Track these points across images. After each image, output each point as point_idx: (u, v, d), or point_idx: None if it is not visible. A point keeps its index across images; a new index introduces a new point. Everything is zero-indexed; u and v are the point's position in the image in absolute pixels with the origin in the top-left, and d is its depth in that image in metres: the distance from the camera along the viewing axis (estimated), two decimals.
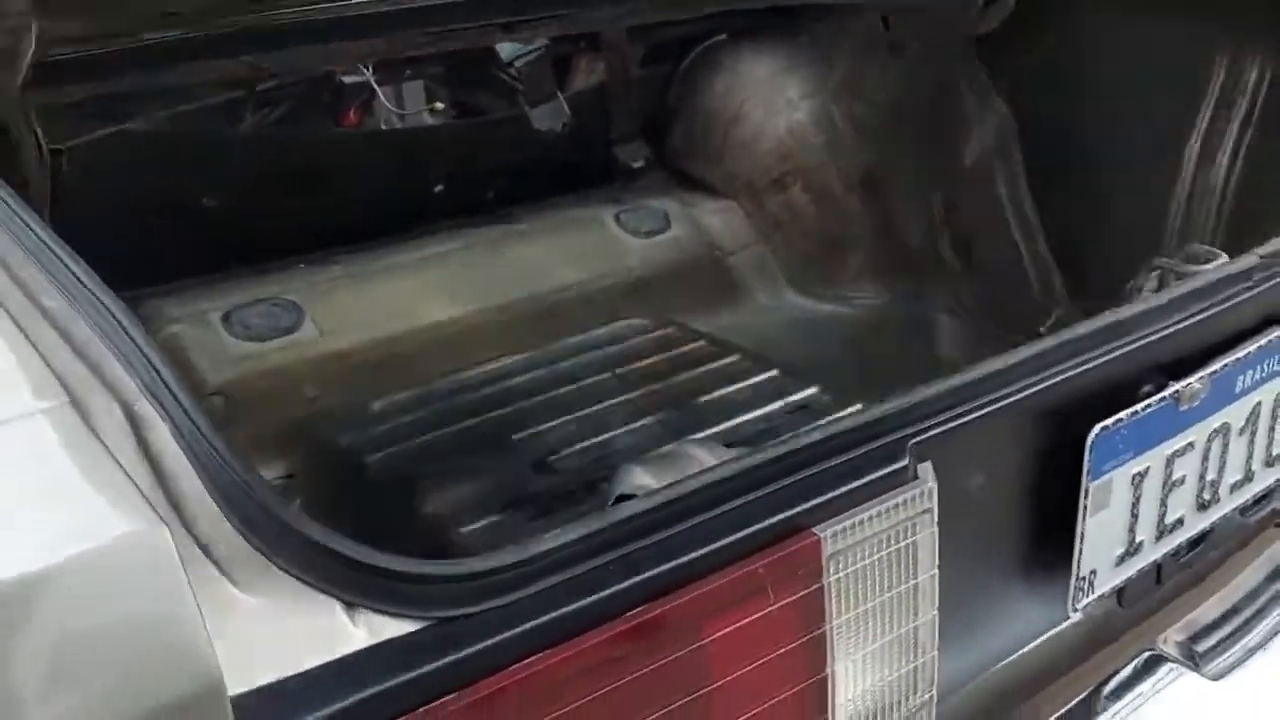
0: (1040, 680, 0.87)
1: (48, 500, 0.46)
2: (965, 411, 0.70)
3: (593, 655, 0.57)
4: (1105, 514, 0.81)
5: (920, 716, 0.73)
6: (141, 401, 0.52)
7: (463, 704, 0.52)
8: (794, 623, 0.64)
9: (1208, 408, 0.85)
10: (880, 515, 0.66)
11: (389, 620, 0.51)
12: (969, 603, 0.78)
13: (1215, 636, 0.94)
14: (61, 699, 0.42)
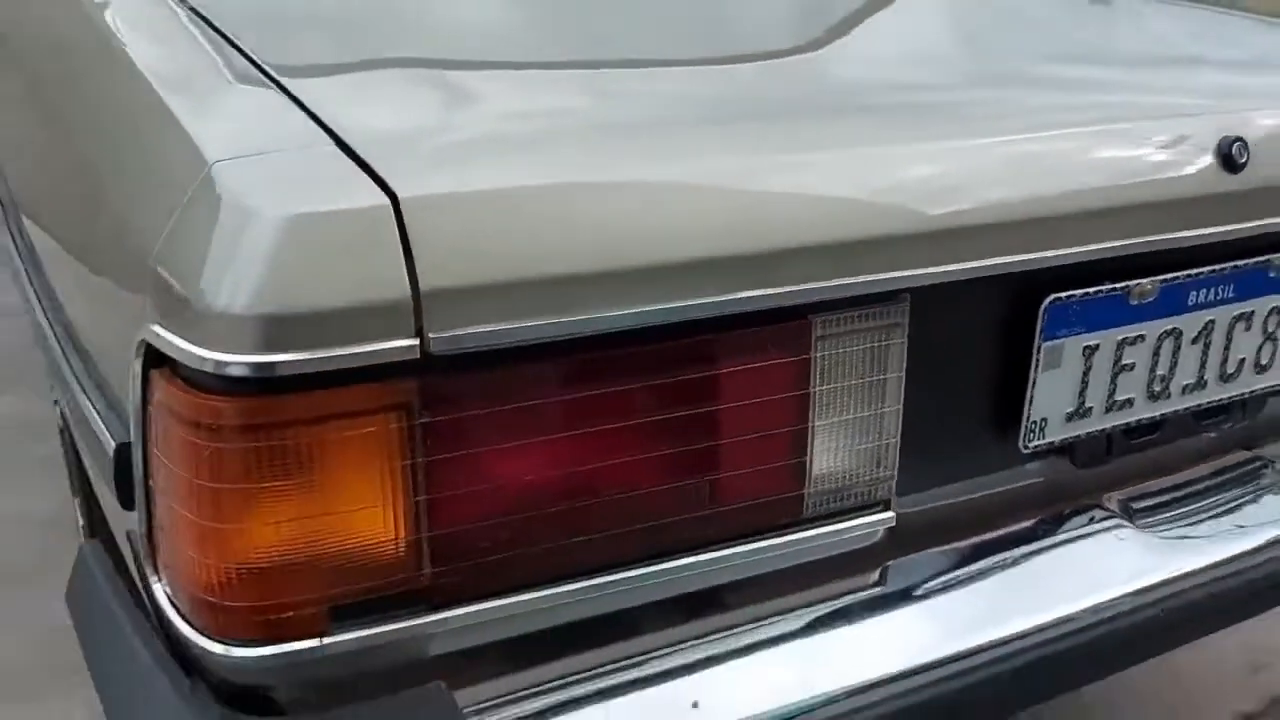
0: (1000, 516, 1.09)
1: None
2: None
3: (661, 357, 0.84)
4: (1056, 373, 1.04)
5: (881, 488, 0.98)
6: None
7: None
8: (785, 380, 0.90)
9: (1159, 309, 1.07)
10: (859, 318, 0.91)
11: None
12: (935, 423, 1.01)
13: (1154, 500, 1.15)
14: None
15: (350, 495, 0.76)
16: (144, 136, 0.90)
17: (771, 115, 1.00)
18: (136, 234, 0.83)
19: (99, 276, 0.95)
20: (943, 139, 0.96)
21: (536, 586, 0.84)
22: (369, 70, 1.06)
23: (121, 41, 1.08)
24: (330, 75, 1.01)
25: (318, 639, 0.77)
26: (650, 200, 0.81)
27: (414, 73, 1.04)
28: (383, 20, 1.22)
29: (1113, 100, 1.14)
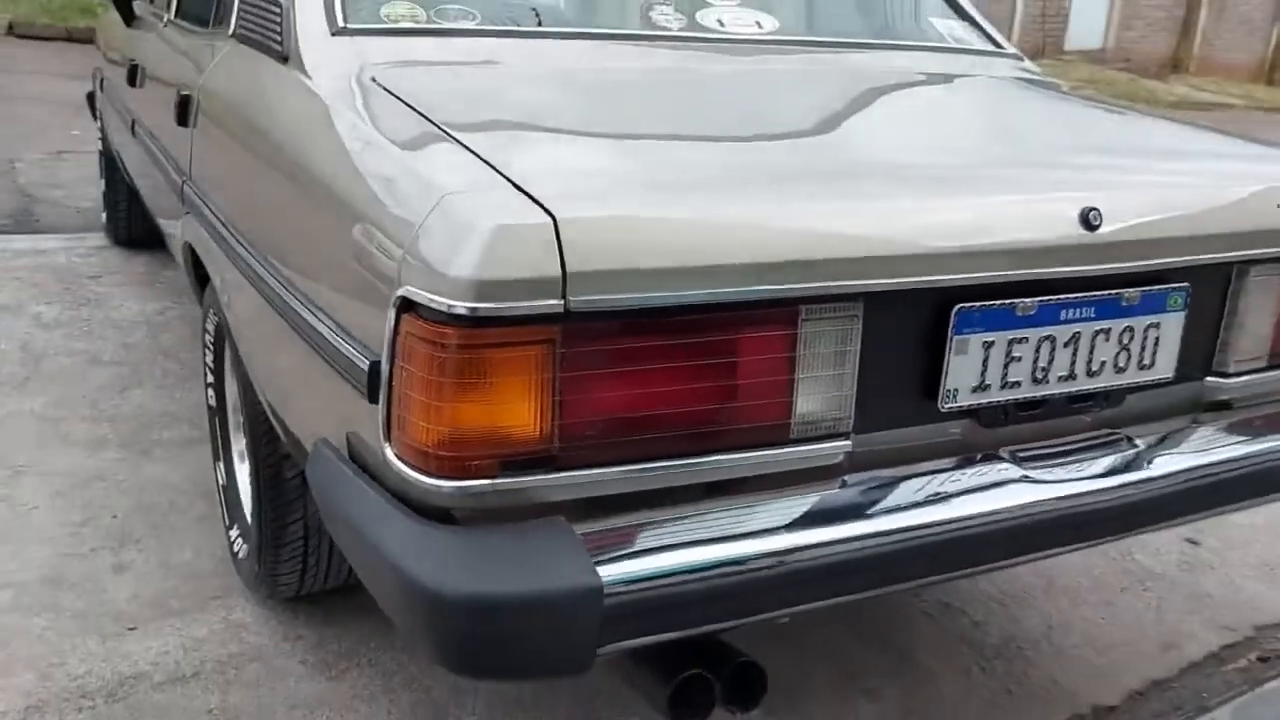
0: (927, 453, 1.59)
1: None
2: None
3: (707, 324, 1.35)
4: (964, 358, 1.54)
5: (842, 424, 1.48)
6: None
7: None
8: (782, 345, 1.41)
9: (1038, 320, 1.58)
10: (829, 310, 1.43)
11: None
12: (880, 385, 1.52)
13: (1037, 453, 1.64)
14: None
15: (516, 393, 1.28)
16: (387, 180, 1.43)
17: (786, 179, 1.53)
18: (384, 238, 1.36)
19: (347, 264, 1.48)
20: (889, 199, 1.49)
21: (626, 464, 1.35)
22: (527, 137, 1.60)
23: (353, 121, 1.63)
24: (504, 142, 1.55)
25: (491, 479, 1.29)
26: (706, 228, 1.34)
27: (557, 136, 1.59)
28: (531, 100, 1.76)
29: (1011, 176, 1.66)
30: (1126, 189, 1.67)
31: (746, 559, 1.33)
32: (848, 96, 2.09)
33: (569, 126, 1.70)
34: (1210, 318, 1.76)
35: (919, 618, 2.57)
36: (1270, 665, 2.49)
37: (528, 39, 2.08)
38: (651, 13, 2.25)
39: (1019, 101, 2.29)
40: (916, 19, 2.64)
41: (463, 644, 1.24)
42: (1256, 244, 1.73)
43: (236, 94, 2.13)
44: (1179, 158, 2.02)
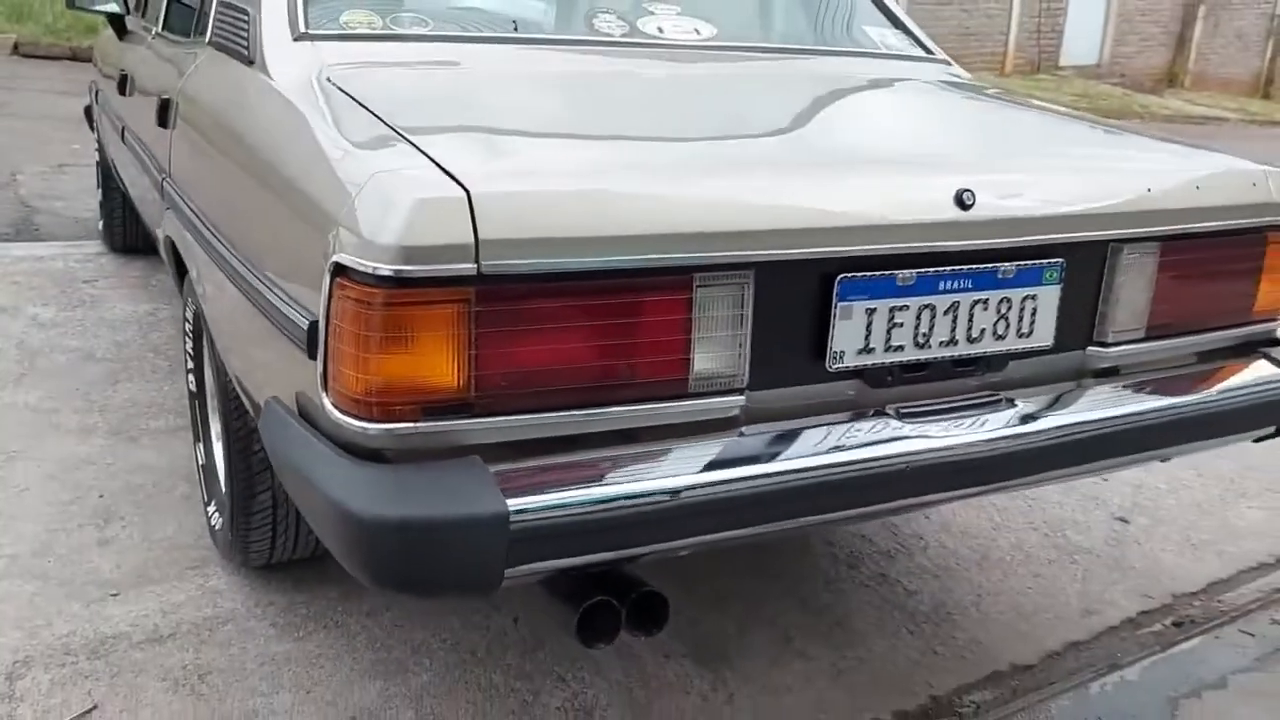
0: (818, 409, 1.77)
1: None
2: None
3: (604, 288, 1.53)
4: (848, 323, 1.72)
5: (737, 381, 1.66)
6: None
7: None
8: (678, 308, 1.59)
9: (918, 290, 1.76)
10: (721, 278, 1.60)
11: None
12: (774, 346, 1.69)
13: (920, 409, 1.81)
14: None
15: (435, 347, 1.45)
16: (328, 162, 1.62)
17: (685, 162, 1.71)
18: (324, 213, 1.54)
19: (294, 239, 1.66)
20: (778, 180, 1.67)
21: (536, 412, 1.53)
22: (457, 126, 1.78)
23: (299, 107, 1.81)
24: (435, 130, 1.73)
25: (414, 423, 1.46)
26: (606, 203, 1.52)
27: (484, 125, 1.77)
28: (466, 96, 1.95)
29: (897, 161, 1.84)
30: (1003, 173, 1.84)
31: (640, 495, 1.50)
32: (762, 95, 2.28)
33: (496, 117, 1.88)
34: (1088, 291, 1.94)
35: (858, 589, 2.73)
36: (1184, 629, 2.65)
37: (476, 44, 2.27)
38: (595, 20, 2.43)
39: (927, 99, 2.47)
40: (850, 28, 2.83)
41: (385, 561, 1.41)
42: (1128, 224, 1.90)
43: (209, 95, 2.32)
44: (1065, 147, 2.20)
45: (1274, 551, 3.01)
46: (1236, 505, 3.28)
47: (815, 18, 2.89)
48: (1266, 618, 2.70)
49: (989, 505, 3.16)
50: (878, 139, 2.05)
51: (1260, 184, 2.08)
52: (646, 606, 1.62)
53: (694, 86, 2.26)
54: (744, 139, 1.94)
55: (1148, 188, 1.93)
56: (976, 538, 3.01)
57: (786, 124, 2.08)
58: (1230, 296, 2.09)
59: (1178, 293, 2.01)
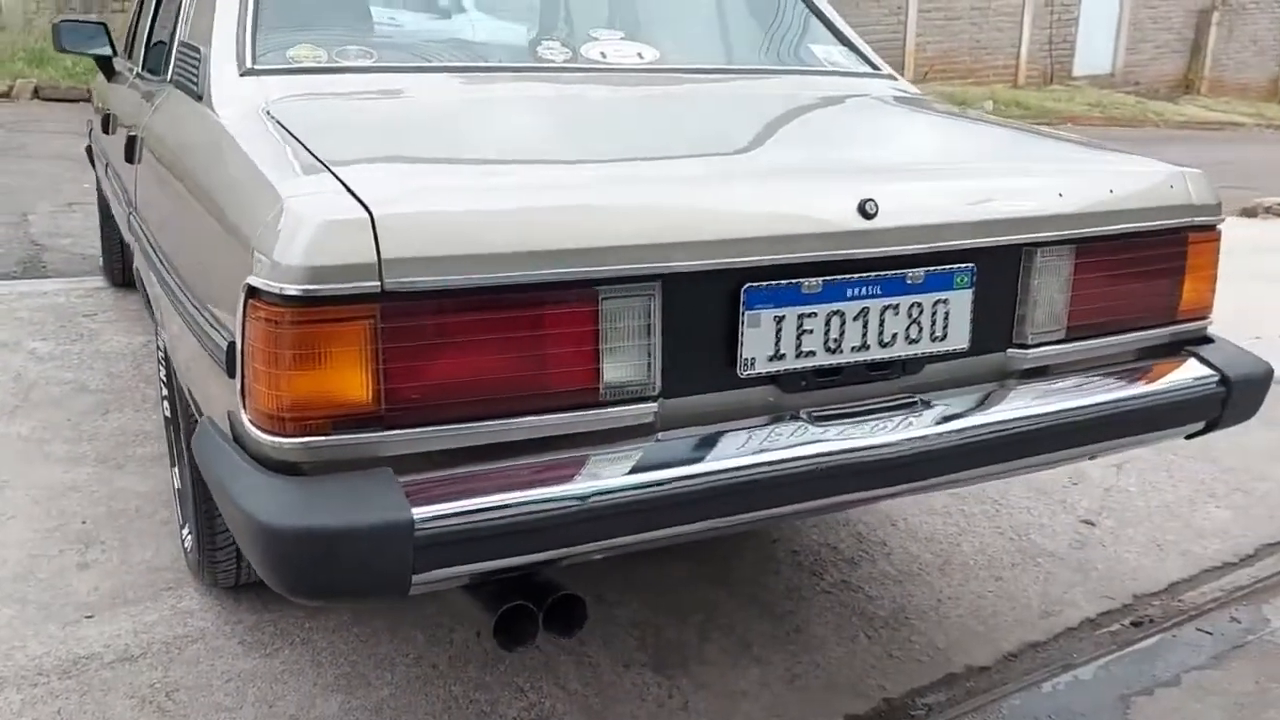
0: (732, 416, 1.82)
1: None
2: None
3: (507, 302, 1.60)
4: (757, 331, 1.78)
5: (649, 389, 1.72)
6: None
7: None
8: (585, 320, 1.65)
9: (825, 297, 1.82)
10: (627, 290, 1.67)
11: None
12: (686, 354, 1.75)
13: (833, 413, 1.87)
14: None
15: (343, 362, 1.52)
16: (250, 190, 1.69)
17: (595, 180, 1.78)
18: (243, 236, 1.62)
19: (222, 265, 1.74)
20: (683, 194, 1.73)
21: (448, 424, 1.59)
22: (379, 153, 1.86)
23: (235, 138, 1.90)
24: (356, 157, 1.81)
25: (325, 437, 1.53)
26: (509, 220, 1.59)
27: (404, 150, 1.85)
28: (397, 124, 2.03)
29: (805, 173, 1.90)
30: (911, 181, 1.90)
31: (546, 500, 1.57)
32: (688, 115, 2.35)
33: (420, 144, 1.96)
34: (1004, 294, 1.99)
35: (820, 595, 2.78)
36: (1142, 629, 2.68)
37: (418, 74, 2.35)
38: (539, 48, 2.51)
39: (853, 113, 2.53)
40: (795, 48, 2.89)
41: (294, 570, 1.48)
42: (1038, 229, 1.96)
43: (164, 131, 2.42)
44: (981, 155, 2.26)
45: (1239, 551, 3.03)
46: (1205, 506, 3.30)
47: (761, 39, 2.96)
48: (1226, 615, 2.73)
49: (954, 511, 3.20)
50: (791, 153, 2.12)
51: (1178, 186, 2.12)
52: (564, 610, 1.68)
53: (624, 109, 2.34)
54: (659, 158, 2.00)
55: (1059, 192, 1.98)
56: (940, 543, 3.05)
57: (704, 142, 2.15)
58: (1153, 297, 2.14)
59: (1097, 294, 2.06)
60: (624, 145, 2.04)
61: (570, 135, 2.09)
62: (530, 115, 2.20)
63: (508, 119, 2.17)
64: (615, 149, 2.01)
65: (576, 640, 2.56)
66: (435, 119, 2.13)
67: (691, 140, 2.13)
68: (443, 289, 1.54)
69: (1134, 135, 17.17)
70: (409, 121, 2.11)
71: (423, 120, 2.12)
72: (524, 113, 2.22)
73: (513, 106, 2.27)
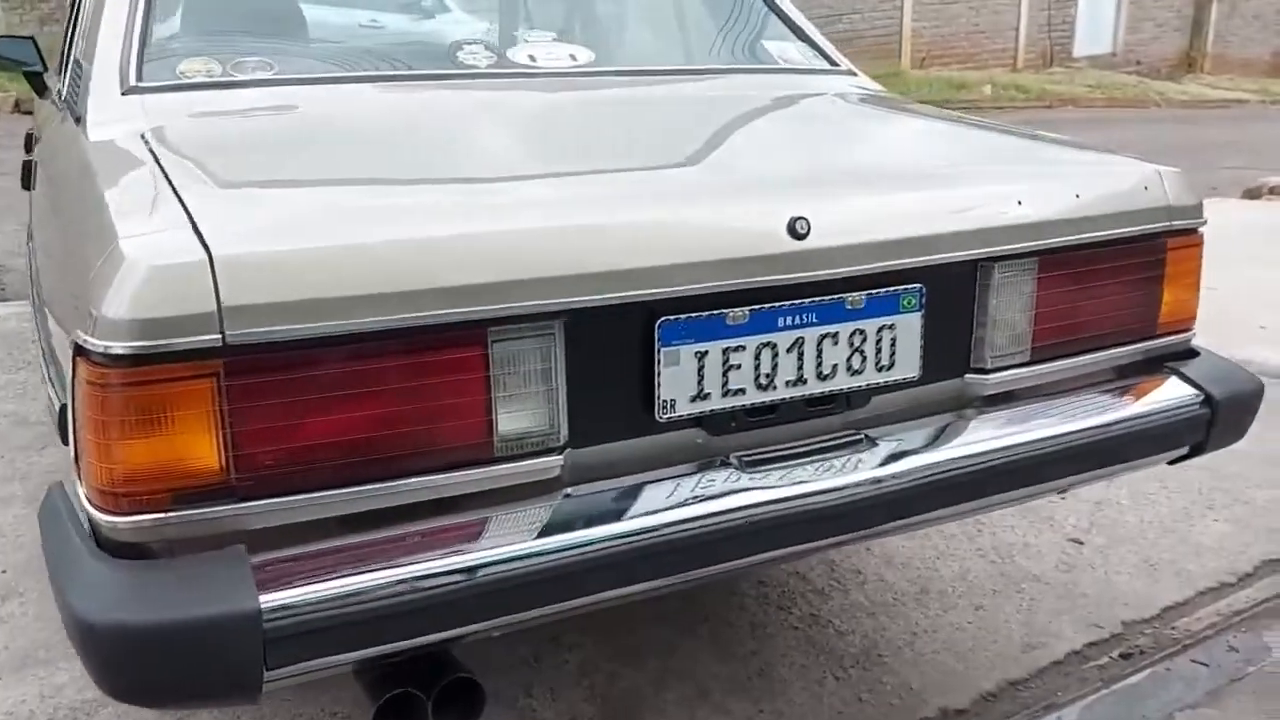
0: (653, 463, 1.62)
1: None
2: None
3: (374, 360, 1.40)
4: (676, 369, 1.58)
5: (553, 439, 1.52)
6: None
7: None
8: (471, 366, 1.45)
9: (754, 328, 1.62)
10: (523, 330, 1.47)
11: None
12: (597, 399, 1.56)
13: (765, 457, 1.66)
14: None
15: (183, 428, 1.33)
16: (93, 229, 1.50)
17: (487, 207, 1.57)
18: (79, 284, 1.42)
19: (64, 316, 1.54)
20: (583, 220, 1.53)
21: (314, 490, 1.40)
22: (247, 181, 1.66)
23: (95, 168, 1.70)
24: (218, 187, 1.61)
25: (164, 513, 1.34)
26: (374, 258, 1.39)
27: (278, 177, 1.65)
28: (281, 145, 1.83)
29: (727, 190, 1.70)
30: (850, 196, 1.70)
31: (426, 577, 1.37)
32: (612, 124, 2.14)
33: (299, 166, 1.75)
34: (958, 316, 1.79)
35: (786, 632, 2.58)
36: (1131, 662, 2.48)
37: (323, 85, 2.15)
38: (460, 53, 2.31)
39: (797, 117, 2.31)
40: (748, 44, 2.68)
41: (115, 672, 1.29)
42: (994, 243, 1.75)
43: (47, 157, 2.22)
44: (935, 160, 2.04)
45: (1237, 569, 2.83)
46: (1202, 519, 3.09)
47: (709, 37, 2.75)
48: (1223, 643, 2.52)
49: (934, 532, 2.99)
50: (716, 166, 1.91)
51: (1154, 186, 1.92)
52: (456, 696, 1.48)
53: (539, 120, 2.13)
54: (565, 176, 1.79)
55: (1018, 200, 1.78)
56: (918, 569, 2.85)
57: (620, 156, 1.94)
58: (1129, 310, 1.93)
59: (1065, 310, 1.86)
60: (528, 163, 1.84)
61: (469, 153, 1.89)
62: (431, 131, 2.00)
63: (405, 136, 1.96)
64: (517, 168, 1.80)
65: (522, 691, 2.38)
66: (326, 138, 1.93)
67: (606, 155, 1.93)
68: (298, 339, 1.34)
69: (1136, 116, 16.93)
70: (296, 142, 1.91)
71: (311, 140, 1.92)
72: (425, 128, 2.01)
73: (415, 121, 2.06)
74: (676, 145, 1.99)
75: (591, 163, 1.86)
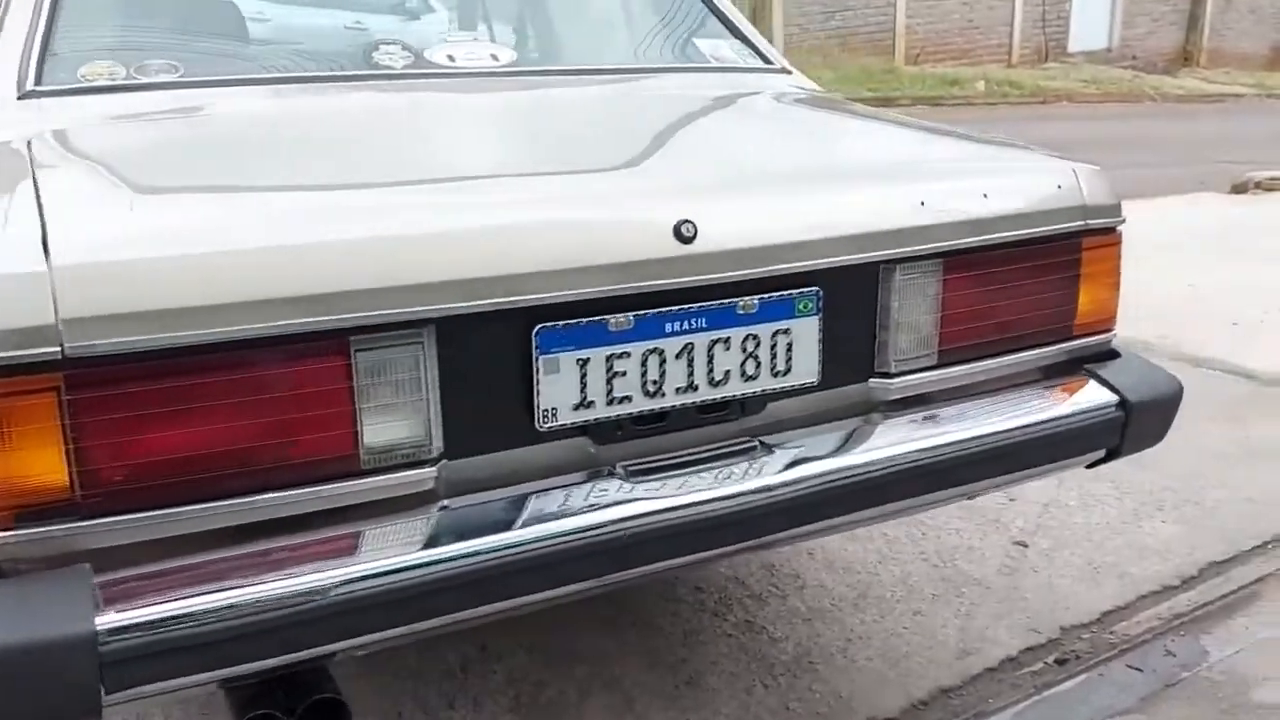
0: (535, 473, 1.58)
1: None
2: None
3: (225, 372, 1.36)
4: (556, 377, 1.53)
5: (425, 451, 1.48)
6: None
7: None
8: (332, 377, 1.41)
9: (639, 334, 1.57)
10: (389, 338, 1.43)
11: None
12: (475, 409, 1.51)
13: (653, 465, 1.62)
14: None
15: (22, 443, 1.29)
16: None
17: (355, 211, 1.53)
18: None
19: None
20: (455, 224, 1.49)
21: (167, 506, 1.36)
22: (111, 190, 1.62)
23: None
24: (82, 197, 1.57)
25: (8, 532, 1.30)
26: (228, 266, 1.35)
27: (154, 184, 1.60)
28: (168, 151, 1.78)
29: (613, 194, 1.66)
30: (741, 197, 1.66)
31: (273, 598, 1.33)
32: (509, 126, 2.09)
33: (174, 174, 1.71)
34: (860, 319, 1.75)
35: (720, 639, 2.54)
36: (1066, 668, 2.44)
37: (228, 87, 2.11)
38: (376, 54, 2.27)
39: (713, 118, 2.26)
40: (679, 43, 2.63)
41: None
42: (894, 244, 1.71)
43: None
44: (840, 159, 1.99)
45: (1181, 573, 2.78)
46: (1151, 521, 3.05)
47: (640, 35, 2.70)
48: (1161, 648, 2.48)
49: (877, 535, 2.95)
50: (610, 169, 1.85)
51: (1068, 184, 1.87)
52: (325, 715, 1.44)
53: (441, 121, 2.09)
54: (447, 180, 1.73)
55: (920, 201, 1.73)
56: (859, 573, 2.80)
57: (513, 160, 1.89)
58: (1043, 311, 1.89)
59: (973, 312, 1.82)
60: (411, 168, 1.79)
61: (355, 157, 1.84)
62: (323, 135, 1.95)
63: (295, 140, 1.91)
64: (399, 172, 1.75)
65: (445, 702, 2.34)
66: (214, 143, 1.88)
67: (496, 158, 1.88)
68: (145, 350, 1.30)
69: (1129, 111, 16.89)
70: (183, 147, 1.86)
71: (198, 145, 1.87)
72: (317, 132, 1.96)
73: (308, 125, 2.01)
74: (571, 148, 1.95)
75: (478, 166, 1.81)
